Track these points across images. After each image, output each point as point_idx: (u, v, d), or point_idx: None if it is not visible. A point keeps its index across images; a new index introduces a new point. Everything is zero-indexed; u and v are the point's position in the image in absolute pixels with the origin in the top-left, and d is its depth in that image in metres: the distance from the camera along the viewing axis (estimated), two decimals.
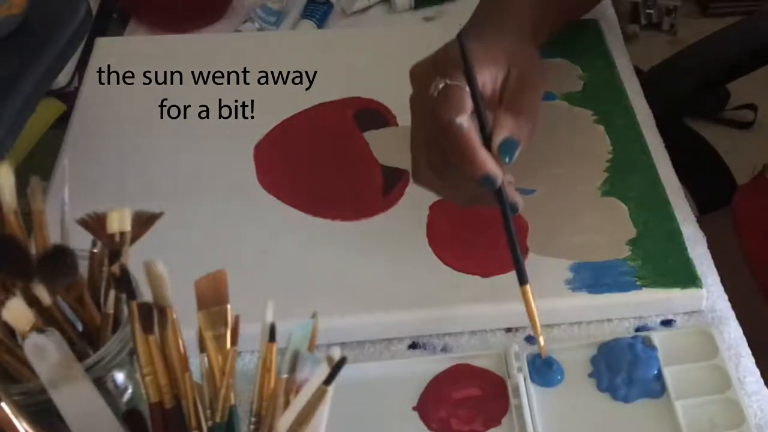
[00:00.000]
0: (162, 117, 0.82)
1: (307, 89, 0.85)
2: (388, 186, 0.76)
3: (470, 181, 0.61)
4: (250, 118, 0.82)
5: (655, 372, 0.63)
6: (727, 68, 1.26)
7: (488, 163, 0.61)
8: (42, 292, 0.46)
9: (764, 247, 0.90)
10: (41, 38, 0.78)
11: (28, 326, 0.44)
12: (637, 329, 0.67)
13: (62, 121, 0.89)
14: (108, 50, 0.90)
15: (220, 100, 0.84)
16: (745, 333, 0.67)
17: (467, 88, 0.61)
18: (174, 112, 0.83)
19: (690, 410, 0.61)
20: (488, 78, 0.64)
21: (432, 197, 0.74)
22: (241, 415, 0.47)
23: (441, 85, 0.62)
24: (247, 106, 0.83)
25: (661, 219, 0.73)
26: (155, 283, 0.44)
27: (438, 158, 0.63)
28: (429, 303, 0.67)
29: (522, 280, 0.62)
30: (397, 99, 0.82)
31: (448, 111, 0.60)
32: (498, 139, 0.61)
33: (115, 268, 0.45)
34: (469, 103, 0.61)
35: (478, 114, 0.62)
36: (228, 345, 0.45)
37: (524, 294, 0.62)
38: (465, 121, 0.60)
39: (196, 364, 0.45)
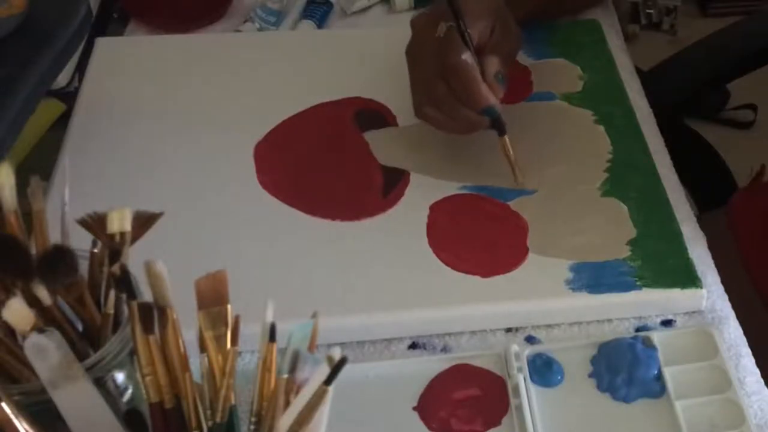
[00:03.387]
0: (162, 117, 0.82)
1: (307, 89, 0.85)
2: (388, 186, 0.76)
3: (471, 111, 0.71)
4: (250, 118, 0.82)
5: (655, 372, 0.63)
6: (727, 68, 1.26)
7: (490, 95, 0.71)
8: (42, 292, 0.46)
9: (759, 250, 0.90)
10: (41, 38, 0.78)
11: (28, 326, 0.44)
12: (637, 329, 0.67)
13: (62, 121, 0.89)
14: (108, 50, 0.90)
15: (220, 100, 0.84)
16: (743, 333, 0.67)
17: (468, 31, 0.71)
18: (174, 111, 0.83)
19: (690, 410, 0.61)
20: (483, 28, 0.73)
21: (432, 197, 0.74)
22: (241, 415, 0.47)
23: (445, 29, 0.71)
24: (248, 106, 0.83)
25: (661, 219, 0.73)
26: (155, 283, 0.44)
27: (442, 93, 0.72)
28: (429, 303, 0.67)
29: (501, 132, 0.74)
30: (397, 99, 0.82)
31: (455, 49, 0.70)
32: (491, 71, 0.72)
33: (115, 268, 0.45)
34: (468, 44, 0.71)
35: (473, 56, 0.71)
36: (228, 345, 0.45)
37: (502, 142, 0.74)
38: (469, 57, 0.70)
39: (196, 364, 0.45)
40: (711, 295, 0.69)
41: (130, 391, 0.49)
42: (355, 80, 0.86)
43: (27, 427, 0.42)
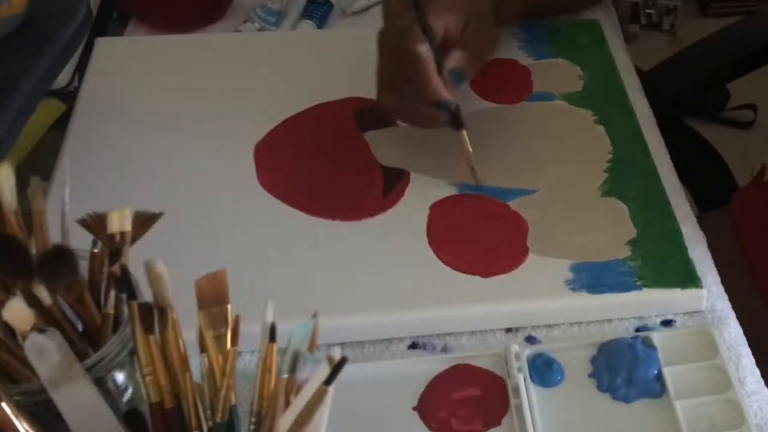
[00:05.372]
0: (162, 117, 0.82)
1: (307, 89, 0.85)
2: (389, 186, 0.76)
3: (426, 104, 0.71)
4: (250, 118, 0.82)
5: (655, 372, 0.63)
6: (727, 68, 1.26)
7: (442, 89, 0.71)
8: (42, 292, 0.46)
9: (762, 249, 0.90)
10: (41, 38, 0.78)
11: (28, 326, 0.44)
12: (637, 329, 0.67)
13: (62, 121, 0.89)
14: (108, 50, 0.90)
15: (220, 100, 0.84)
16: (743, 333, 0.67)
17: (430, 23, 0.71)
18: (174, 112, 0.83)
19: (690, 410, 0.61)
20: (452, 22, 0.73)
21: (432, 197, 0.74)
22: (241, 415, 0.47)
23: (409, 19, 0.71)
24: (248, 106, 0.83)
25: (661, 219, 0.73)
26: (155, 283, 0.44)
27: (400, 82, 0.72)
28: (429, 303, 0.67)
29: (457, 126, 0.73)
30: None
31: (414, 40, 0.70)
32: (449, 66, 0.72)
33: (116, 268, 0.45)
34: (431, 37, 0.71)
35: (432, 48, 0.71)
36: (228, 345, 0.45)
37: (459, 138, 0.74)
38: (425, 50, 0.70)
39: (197, 364, 0.45)
40: (711, 295, 0.69)
41: (130, 391, 0.49)
42: (355, 80, 0.85)
43: (27, 427, 0.42)
